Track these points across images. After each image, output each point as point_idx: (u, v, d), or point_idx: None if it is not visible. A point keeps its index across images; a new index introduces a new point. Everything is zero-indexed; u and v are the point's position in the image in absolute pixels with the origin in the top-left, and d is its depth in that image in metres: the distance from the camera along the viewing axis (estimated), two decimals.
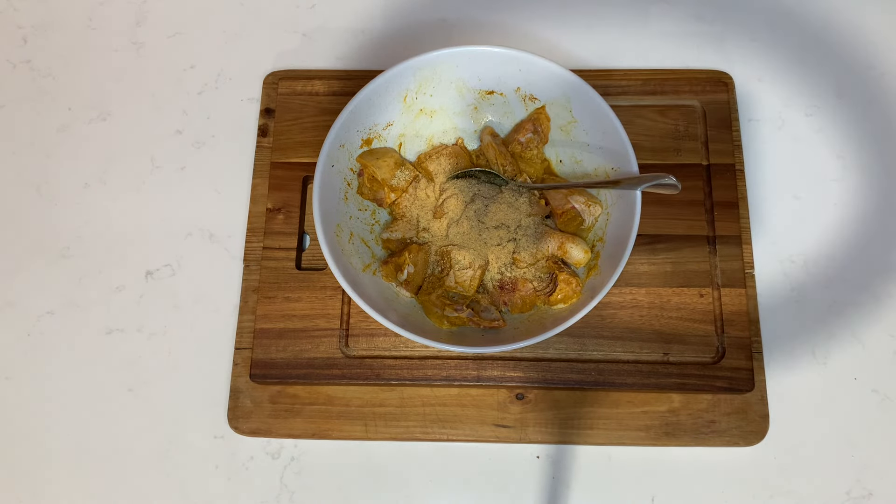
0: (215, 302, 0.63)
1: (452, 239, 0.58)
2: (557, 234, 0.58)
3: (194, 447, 0.60)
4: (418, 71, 0.57)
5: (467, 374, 0.58)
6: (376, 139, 0.60)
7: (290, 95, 0.67)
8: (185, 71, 0.71)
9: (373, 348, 0.59)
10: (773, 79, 0.70)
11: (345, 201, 0.58)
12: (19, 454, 0.60)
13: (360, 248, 0.58)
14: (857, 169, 0.67)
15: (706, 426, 0.58)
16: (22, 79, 0.71)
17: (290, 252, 0.62)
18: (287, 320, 0.60)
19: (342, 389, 0.60)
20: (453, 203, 0.59)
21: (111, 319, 0.63)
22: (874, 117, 0.68)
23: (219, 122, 0.69)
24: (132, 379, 0.61)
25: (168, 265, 0.64)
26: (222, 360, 0.61)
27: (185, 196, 0.67)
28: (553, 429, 0.59)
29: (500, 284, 0.58)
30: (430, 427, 0.59)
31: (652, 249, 0.61)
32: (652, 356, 0.58)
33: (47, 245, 0.65)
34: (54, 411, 0.61)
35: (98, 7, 0.73)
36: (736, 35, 0.71)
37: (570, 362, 0.59)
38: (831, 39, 0.71)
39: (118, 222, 0.66)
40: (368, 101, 0.57)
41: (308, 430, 0.59)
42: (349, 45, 0.71)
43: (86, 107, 0.70)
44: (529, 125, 0.60)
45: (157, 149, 0.68)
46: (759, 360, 0.60)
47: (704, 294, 0.60)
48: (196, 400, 0.61)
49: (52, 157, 0.68)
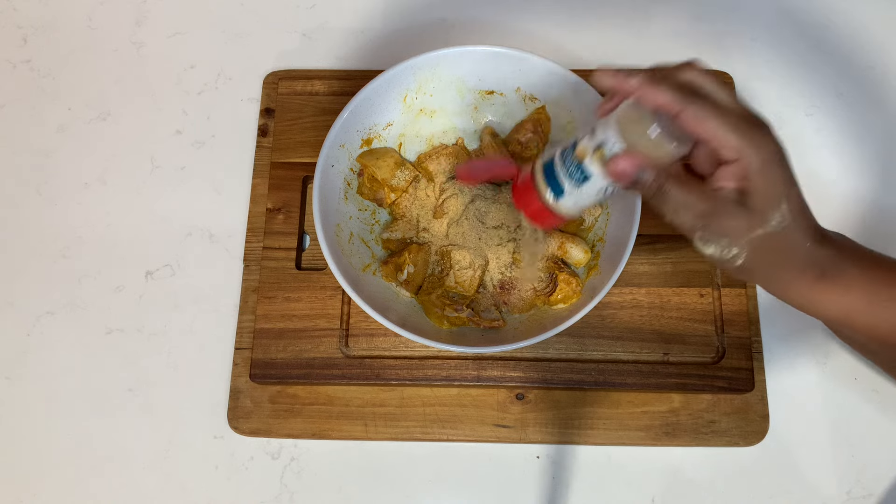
0: (215, 302, 0.63)
1: (452, 239, 0.58)
2: (557, 234, 0.58)
3: (194, 447, 0.60)
4: (418, 71, 0.57)
5: (467, 374, 0.58)
6: (376, 139, 0.60)
7: (290, 95, 0.67)
8: (185, 71, 0.71)
9: (373, 348, 0.59)
10: (773, 79, 0.70)
11: (345, 201, 0.58)
12: (19, 454, 0.60)
13: (360, 248, 0.58)
14: (857, 169, 0.67)
15: (706, 426, 0.58)
16: (22, 79, 0.71)
17: (290, 252, 0.62)
18: (287, 320, 0.60)
19: (342, 389, 0.60)
20: (453, 203, 0.59)
21: (111, 319, 0.63)
22: (874, 117, 0.68)
23: (219, 122, 0.69)
24: (132, 379, 0.61)
25: (168, 265, 0.64)
26: (222, 360, 0.61)
27: (185, 196, 0.67)
28: (553, 429, 0.59)
29: (500, 284, 0.58)
30: (430, 427, 0.59)
31: (652, 249, 0.61)
32: (652, 356, 0.58)
33: (47, 245, 0.65)
34: (54, 411, 0.61)
35: (98, 7, 0.73)
36: (736, 35, 0.71)
37: (570, 362, 0.59)
38: (831, 39, 0.71)
39: (118, 222, 0.66)
40: (368, 101, 0.57)
41: (308, 430, 0.59)
42: (349, 45, 0.71)
43: (86, 107, 0.70)
44: (529, 125, 0.60)
45: (157, 149, 0.68)
46: (759, 360, 0.60)
47: (704, 294, 0.60)
48: (196, 400, 0.61)
49: (52, 157, 0.68)
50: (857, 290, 0.40)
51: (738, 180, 0.39)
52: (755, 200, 0.38)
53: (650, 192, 0.40)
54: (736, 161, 0.38)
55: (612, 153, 0.40)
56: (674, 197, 0.39)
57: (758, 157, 0.38)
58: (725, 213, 0.39)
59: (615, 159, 0.39)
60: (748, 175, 0.38)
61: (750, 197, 0.38)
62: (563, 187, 0.43)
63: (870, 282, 0.41)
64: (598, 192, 0.43)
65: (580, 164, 0.42)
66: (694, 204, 0.39)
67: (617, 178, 0.40)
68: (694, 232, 0.40)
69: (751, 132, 0.38)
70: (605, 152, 0.40)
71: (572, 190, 0.43)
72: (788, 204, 0.39)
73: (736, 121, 0.38)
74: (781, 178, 0.39)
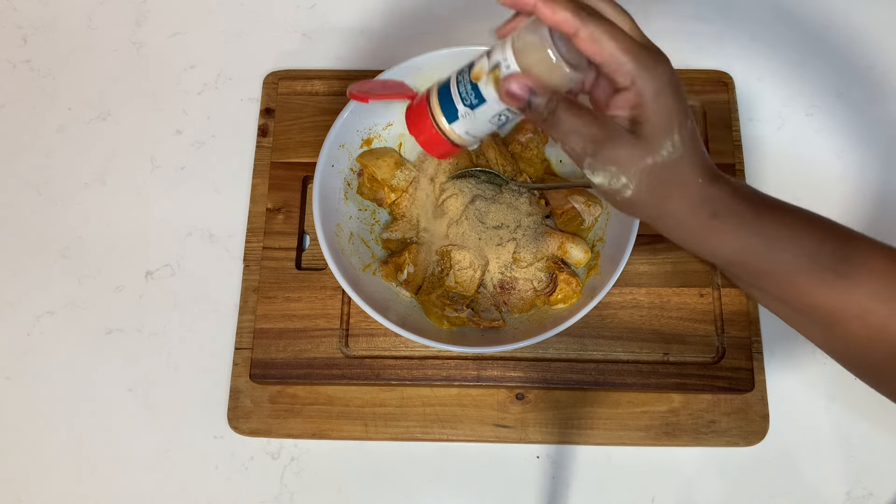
0: (215, 302, 0.63)
1: (452, 239, 0.58)
2: (557, 234, 0.58)
3: (194, 447, 0.60)
4: (418, 71, 0.57)
5: (467, 374, 0.58)
6: (376, 139, 0.60)
7: (290, 95, 0.67)
8: (185, 71, 0.71)
9: (373, 348, 0.59)
10: (773, 79, 0.70)
11: (345, 201, 0.58)
12: (19, 454, 0.60)
13: (360, 248, 0.58)
14: (857, 169, 0.67)
15: (706, 426, 0.58)
16: (22, 79, 0.71)
17: (290, 252, 0.62)
18: (287, 320, 0.60)
19: (342, 389, 0.60)
20: (453, 203, 0.59)
21: (111, 319, 0.63)
22: (874, 117, 0.68)
23: (219, 122, 0.69)
24: (132, 379, 0.61)
25: (168, 265, 0.64)
26: (222, 360, 0.61)
27: (185, 196, 0.67)
28: (553, 429, 0.59)
29: (500, 284, 0.58)
30: (430, 427, 0.59)
31: (652, 249, 0.61)
32: (652, 356, 0.58)
33: (47, 245, 0.65)
34: (54, 411, 0.61)
35: (98, 7, 0.73)
36: (736, 35, 0.71)
37: (570, 362, 0.59)
38: (831, 39, 0.71)
39: (118, 222, 0.66)
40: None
41: (308, 430, 0.59)
42: (349, 45, 0.71)
43: (86, 107, 0.70)
44: (529, 125, 0.60)
45: (157, 149, 0.68)
46: (759, 360, 0.60)
47: (704, 294, 0.60)
48: (196, 400, 0.61)
49: (52, 157, 0.68)
50: (751, 232, 0.40)
51: (631, 108, 0.38)
52: (646, 129, 0.37)
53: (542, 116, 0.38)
54: (629, 88, 0.37)
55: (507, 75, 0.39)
56: (565, 122, 0.38)
57: (652, 84, 0.37)
58: (616, 140, 0.38)
59: (507, 79, 0.38)
60: (641, 102, 0.37)
61: (641, 126, 0.37)
62: (458, 111, 0.42)
63: (764, 225, 0.40)
64: (492, 117, 0.41)
65: (475, 86, 0.40)
66: (585, 129, 0.38)
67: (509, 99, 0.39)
68: (584, 159, 0.38)
69: (646, 59, 0.37)
70: (499, 73, 0.39)
71: (466, 113, 0.41)
72: (680, 134, 0.38)
73: (632, 46, 0.37)
74: (675, 107, 0.37)
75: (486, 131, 0.43)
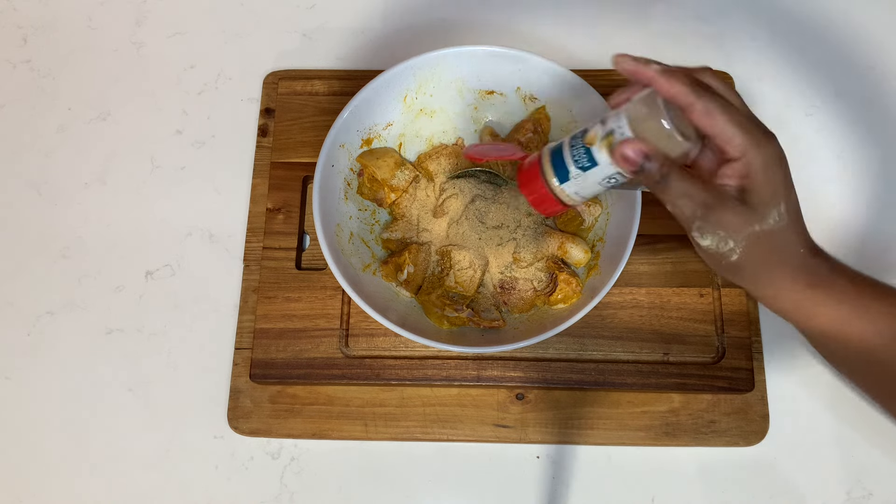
0: (215, 302, 0.63)
1: (452, 239, 0.58)
2: (557, 234, 0.58)
3: (194, 447, 0.60)
4: (418, 71, 0.57)
5: (467, 374, 0.58)
6: (376, 139, 0.60)
7: (290, 95, 0.67)
8: (185, 71, 0.71)
9: (373, 348, 0.59)
10: (773, 79, 0.70)
11: (345, 201, 0.58)
12: (19, 454, 0.60)
13: (360, 248, 0.58)
14: (857, 169, 0.67)
15: (706, 426, 0.58)
16: (22, 79, 0.71)
17: (290, 252, 0.62)
18: (287, 320, 0.60)
19: (342, 389, 0.60)
20: (453, 203, 0.59)
21: (111, 319, 0.63)
22: (874, 117, 0.68)
23: (219, 122, 0.69)
24: (132, 379, 0.61)
25: (168, 265, 0.64)
26: (222, 360, 0.61)
27: (185, 196, 0.67)
28: (553, 429, 0.59)
29: (500, 284, 0.58)
30: (430, 427, 0.59)
31: (652, 249, 0.61)
32: (652, 356, 0.58)
33: (47, 245, 0.65)
34: (54, 411, 0.61)
35: (98, 7, 0.74)
36: (736, 35, 0.71)
37: (570, 362, 0.59)
38: (831, 39, 0.71)
39: (118, 222, 0.66)
40: (368, 101, 0.57)
41: (308, 430, 0.59)
42: (349, 45, 0.71)
43: (86, 107, 0.70)
44: (529, 125, 0.60)
45: (157, 149, 0.68)
46: (759, 360, 0.60)
47: (704, 294, 0.60)
48: (196, 400, 0.61)
49: (52, 157, 0.68)
50: (849, 302, 0.42)
51: (739, 178, 0.40)
52: (754, 198, 0.40)
53: (654, 178, 0.40)
54: (739, 159, 0.39)
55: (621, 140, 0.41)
56: (676, 185, 0.40)
57: (760, 156, 0.39)
58: (725, 206, 0.40)
59: (623, 144, 0.40)
60: (750, 173, 0.39)
61: (750, 195, 0.40)
62: (570, 172, 0.44)
63: (860, 295, 0.42)
64: (602, 179, 0.43)
65: (588, 150, 0.42)
66: (696, 193, 0.40)
67: (623, 162, 0.40)
68: (693, 222, 0.40)
69: (756, 133, 0.39)
70: (613, 140, 0.41)
71: (577, 175, 0.44)
72: (786, 205, 0.40)
73: (743, 120, 0.39)
74: (782, 180, 0.40)
75: (593, 192, 0.45)
